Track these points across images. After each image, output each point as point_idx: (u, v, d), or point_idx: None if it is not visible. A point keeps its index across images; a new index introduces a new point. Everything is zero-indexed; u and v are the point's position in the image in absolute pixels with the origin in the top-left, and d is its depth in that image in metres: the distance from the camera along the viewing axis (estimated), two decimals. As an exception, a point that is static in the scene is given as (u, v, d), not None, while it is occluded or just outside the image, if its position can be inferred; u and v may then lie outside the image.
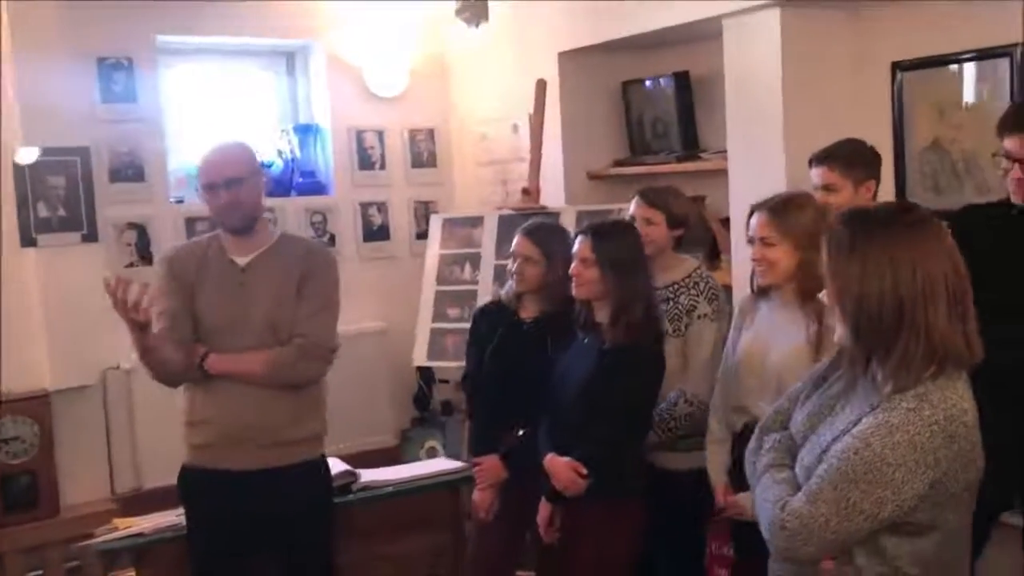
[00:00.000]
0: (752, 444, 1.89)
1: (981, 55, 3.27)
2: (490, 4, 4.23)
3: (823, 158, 2.78)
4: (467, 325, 4.18)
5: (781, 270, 2.48)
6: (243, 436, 2.56)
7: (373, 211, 5.00)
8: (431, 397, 5.15)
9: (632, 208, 2.98)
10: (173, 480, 3.47)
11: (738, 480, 2.58)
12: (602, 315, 2.62)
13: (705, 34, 3.99)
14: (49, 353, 4.06)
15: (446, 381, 5.18)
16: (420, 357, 4.34)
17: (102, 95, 4.18)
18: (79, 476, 4.17)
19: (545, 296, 2.90)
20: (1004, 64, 3.19)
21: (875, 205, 1.86)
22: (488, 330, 2.99)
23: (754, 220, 2.52)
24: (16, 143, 3.93)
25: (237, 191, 2.54)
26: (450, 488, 3.25)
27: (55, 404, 4.08)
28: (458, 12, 3.77)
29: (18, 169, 3.92)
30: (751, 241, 2.55)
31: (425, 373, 5.09)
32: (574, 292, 2.65)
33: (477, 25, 3.77)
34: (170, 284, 2.61)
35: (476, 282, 4.27)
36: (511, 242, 4.10)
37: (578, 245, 2.63)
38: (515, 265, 2.93)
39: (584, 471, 2.51)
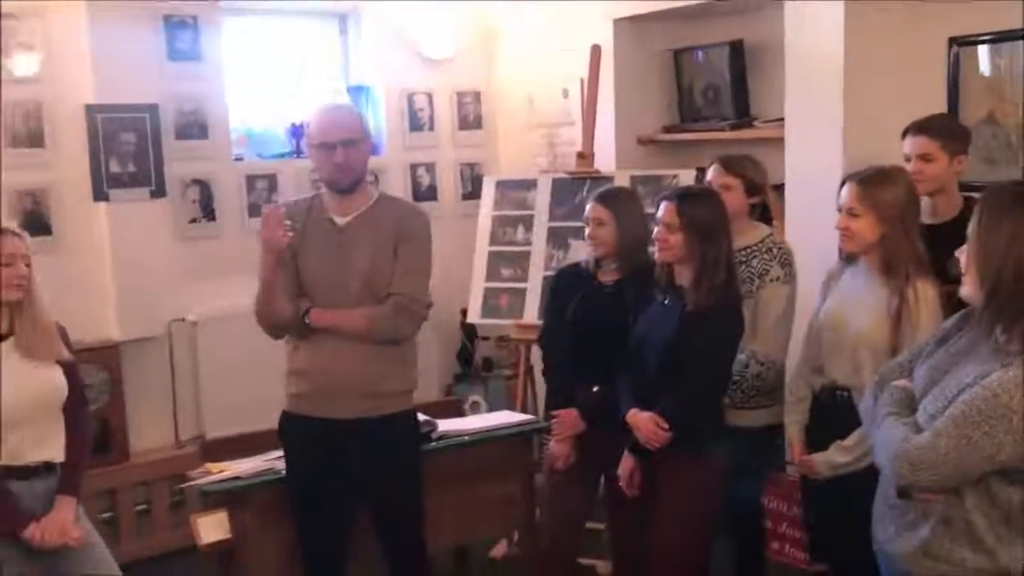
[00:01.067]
0: (868, 395, 2.03)
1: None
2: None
3: (921, 128, 2.89)
4: (521, 285, 4.39)
5: (862, 241, 2.59)
6: (340, 387, 2.70)
7: (422, 172, 5.11)
8: (474, 353, 5.31)
9: (710, 175, 3.11)
10: (234, 429, 3.66)
11: (812, 439, 2.75)
12: (683, 278, 2.75)
13: (760, 4, 4.10)
14: (118, 305, 4.19)
15: (487, 338, 5.35)
16: (474, 314, 4.48)
17: (169, 53, 4.26)
18: (145, 424, 4.32)
19: (621, 260, 3.03)
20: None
21: None
22: (567, 291, 3.12)
23: (845, 190, 2.63)
24: (88, 99, 4.03)
25: (351, 151, 2.65)
26: (522, 439, 3.42)
27: (124, 354, 4.22)
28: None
29: (91, 125, 4.01)
30: (840, 210, 2.66)
31: (468, 330, 5.25)
32: (657, 256, 2.79)
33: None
34: None
35: (529, 243, 4.39)
36: (565, 204, 4.33)
37: (663, 210, 2.75)
38: (589, 230, 3.05)
39: (666, 425, 2.66)
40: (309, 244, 2.74)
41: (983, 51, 3.55)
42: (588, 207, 3.06)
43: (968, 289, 1.81)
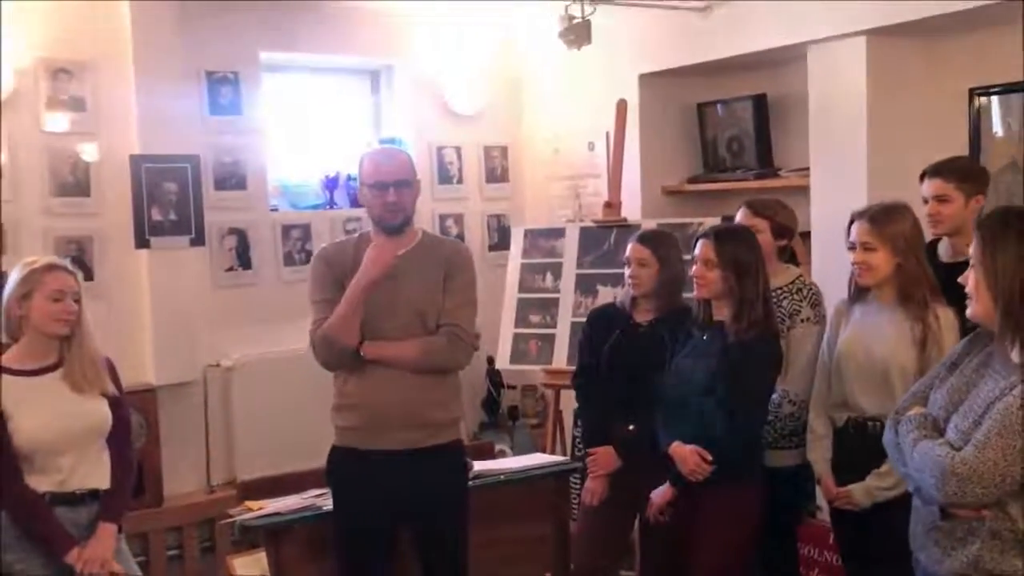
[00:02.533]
0: (889, 428, 2.09)
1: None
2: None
3: (937, 171, 2.99)
4: (550, 331, 4.47)
5: (879, 274, 2.70)
6: (391, 418, 2.75)
7: (450, 223, 5.22)
8: (500, 402, 5.36)
9: (739, 217, 3.20)
10: (265, 475, 3.70)
11: (842, 473, 2.79)
12: (722, 313, 2.83)
13: (783, 59, 4.24)
14: (155, 350, 4.28)
15: (514, 387, 5.40)
16: (503, 360, 4.55)
17: (211, 107, 4.42)
18: (178, 468, 4.37)
19: (658, 300, 3.11)
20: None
21: None
22: (603, 331, 3.19)
23: (855, 227, 2.74)
24: (133, 150, 4.18)
25: (403, 192, 2.76)
26: (557, 480, 3.46)
27: (160, 398, 4.29)
28: (561, 35, 4.00)
29: (135, 174, 4.15)
30: (852, 247, 2.75)
31: (494, 378, 5.31)
32: (696, 292, 2.87)
33: (579, 47, 4.00)
34: (326, 276, 2.82)
35: (558, 291, 4.48)
36: (592, 252, 4.42)
37: (700, 248, 2.84)
38: (630, 270, 3.13)
39: (709, 457, 2.71)
40: None
41: (1003, 100, 3.67)
42: (629, 247, 3.14)
43: (979, 309, 1.89)
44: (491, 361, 5.03)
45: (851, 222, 2.75)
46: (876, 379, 2.67)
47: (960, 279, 2.00)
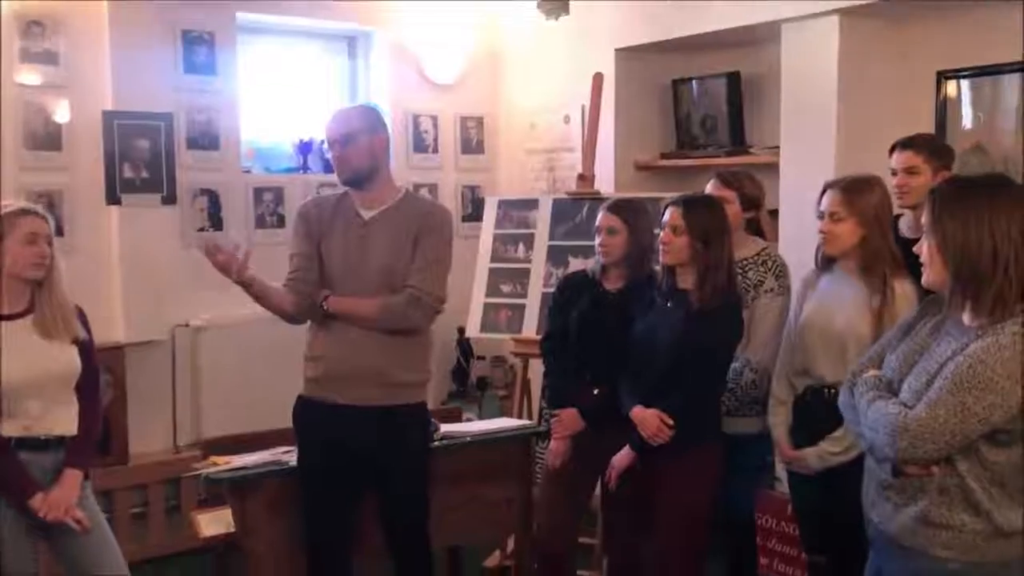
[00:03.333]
0: (844, 390, 2.14)
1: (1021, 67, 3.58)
2: (549, -1, 4.49)
3: (907, 144, 3.05)
4: (520, 301, 4.49)
5: (844, 243, 2.75)
6: (355, 374, 2.79)
7: (424, 192, 5.21)
8: (469, 372, 5.39)
9: (709, 188, 3.24)
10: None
11: (798, 438, 2.86)
12: (686, 281, 2.87)
13: (757, 38, 4.29)
14: (123, 307, 4.27)
15: (483, 358, 5.44)
16: (473, 328, 4.57)
17: (185, 66, 4.39)
18: (144, 427, 4.36)
19: (628, 268, 3.14)
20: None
21: (977, 174, 2.13)
22: (572, 297, 3.22)
23: (826, 196, 2.79)
24: (106, 106, 4.15)
25: (347, 148, 2.77)
26: (522, 442, 3.50)
27: (127, 357, 4.28)
28: (539, 4, 4.02)
29: (108, 130, 4.13)
30: (821, 216, 2.81)
31: (464, 349, 5.34)
32: (662, 258, 2.91)
33: (557, 18, 4.02)
34: (302, 231, 2.86)
35: (529, 261, 4.51)
36: (565, 223, 4.46)
37: (668, 215, 2.88)
38: (600, 238, 3.17)
39: (671, 421, 2.77)
40: (334, 236, 2.84)
41: (970, 84, 3.74)
42: (600, 216, 3.17)
43: (932, 276, 1.95)
44: (461, 331, 5.06)
45: (823, 191, 2.80)
46: (835, 348, 2.73)
47: (915, 248, 2.05)
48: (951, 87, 3.80)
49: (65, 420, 2.70)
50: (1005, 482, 1.84)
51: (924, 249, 1.95)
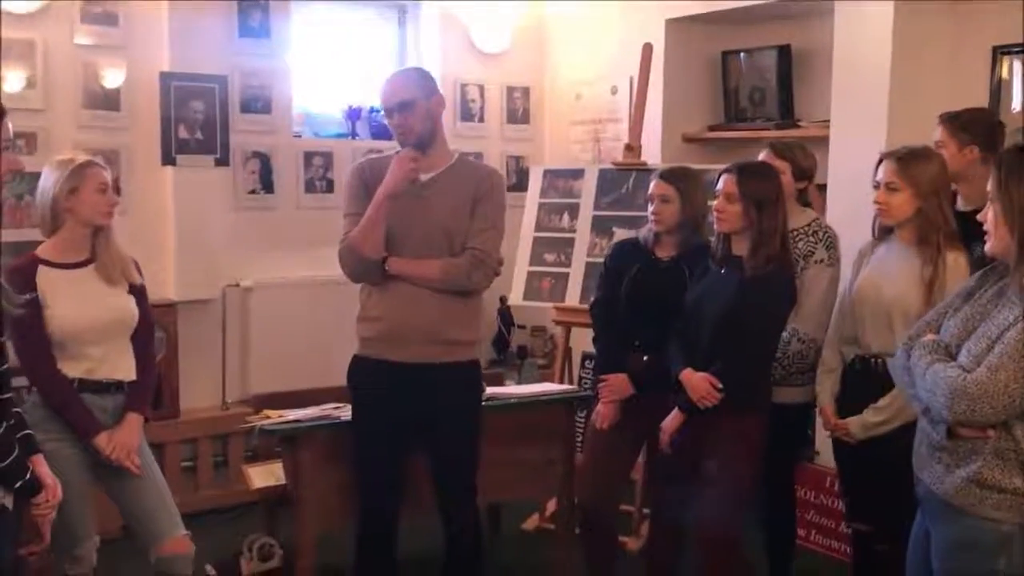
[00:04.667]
0: (900, 352, 2.16)
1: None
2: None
3: (941, 119, 3.06)
4: (563, 270, 4.53)
5: (900, 214, 2.75)
6: (410, 332, 2.84)
7: (469, 161, 5.27)
8: (510, 341, 5.45)
9: (762, 157, 3.25)
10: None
11: (844, 409, 2.88)
12: (740, 248, 2.89)
13: (809, 11, 4.28)
14: (176, 266, 4.36)
15: (523, 327, 5.49)
16: (516, 297, 4.62)
17: (240, 30, 4.46)
18: (194, 384, 4.47)
19: (680, 236, 3.16)
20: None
21: None
22: (623, 264, 3.25)
23: (883, 166, 2.79)
24: (163, 68, 4.23)
25: (407, 114, 2.81)
26: (566, 406, 3.56)
27: (179, 314, 4.37)
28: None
29: (164, 92, 4.20)
30: (877, 186, 2.81)
31: (505, 317, 5.40)
32: (716, 226, 2.93)
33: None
34: (359, 191, 2.90)
35: (574, 231, 4.54)
36: (610, 194, 4.48)
37: (723, 182, 2.90)
38: (653, 206, 3.19)
39: (719, 385, 2.80)
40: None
41: (1026, 59, 3.72)
42: (652, 184, 3.19)
43: (995, 243, 1.96)
44: (503, 300, 5.11)
45: (879, 162, 2.81)
46: (882, 318, 2.74)
47: (979, 216, 2.06)
48: (1006, 63, 3.77)
49: (124, 366, 2.79)
50: (1058, 450, 1.87)
51: (988, 216, 1.96)
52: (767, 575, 3.32)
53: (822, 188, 4.12)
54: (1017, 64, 3.76)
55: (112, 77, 4.18)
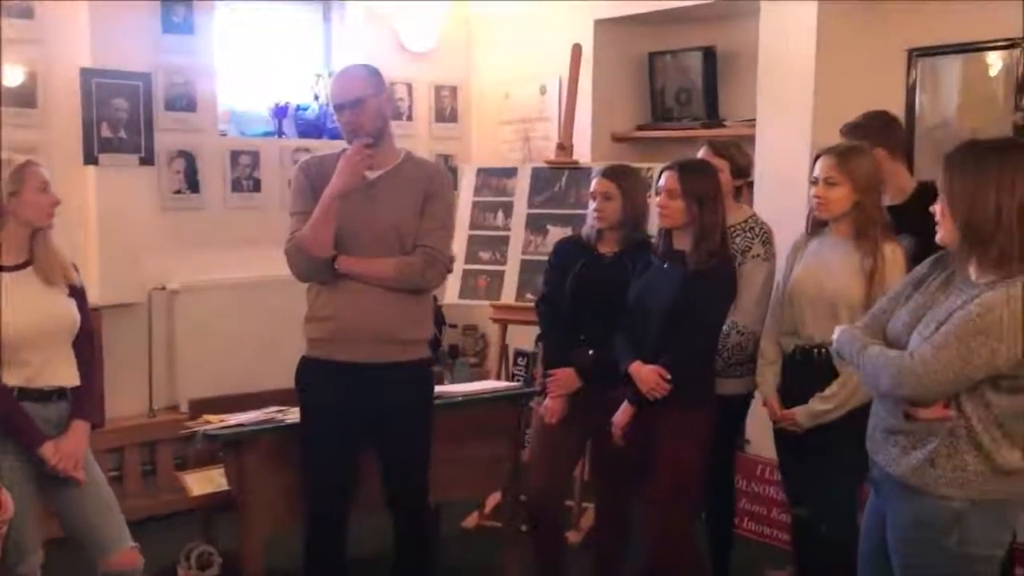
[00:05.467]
0: (846, 338, 2.23)
1: (994, 44, 3.75)
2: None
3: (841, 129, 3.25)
4: (498, 268, 4.55)
5: (838, 208, 2.85)
6: (362, 332, 2.81)
7: (398, 160, 5.24)
8: (441, 340, 5.44)
9: (701, 155, 3.33)
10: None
11: (786, 397, 2.98)
12: (682, 243, 2.96)
13: (734, 13, 4.40)
14: (100, 269, 4.21)
15: (455, 326, 5.49)
16: (452, 296, 4.61)
17: (164, 26, 4.33)
18: (120, 391, 4.32)
19: (622, 232, 3.22)
20: (1010, 54, 3.68)
21: (990, 138, 2.24)
22: (567, 261, 3.29)
23: (820, 162, 2.90)
24: (84, 64, 4.08)
25: (358, 111, 2.79)
26: (512, 402, 3.58)
27: (104, 320, 4.22)
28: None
29: (86, 89, 4.06)
30: (815, 181, 2.92)
31: (437, 317, 5.38)
32: (659, 221, 2.99)
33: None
34: (305, 189, 2.85)
35: (508, 229, 4.57)
36: (544, 192, 4.52)
37: (665, 179, 2.96)
38: (595, 203, 3.24)
39: (668, 376, 2.86)
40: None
41: (939, 61, 3.90)
42: (594, 182, 3.24)
43: (944, 234, 2.07)
44: (435, 299, 5.09)
45: (817, 157, 2.91)
46: (825, 309, 2.84)
47: (932, 208, 2.15)
48: (922, 64, 3.95)
49: (66, 372, 2.69)
50: (1005, 425, 1.97)
51: (938, 208, 2.06)
52: (707, 563, 3.40)
53: (749, 185, 4.24)
54: (935, 61, 3.93)
55: (28, 72, 4.01)
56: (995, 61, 3.79)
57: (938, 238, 2.08)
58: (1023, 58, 3.68)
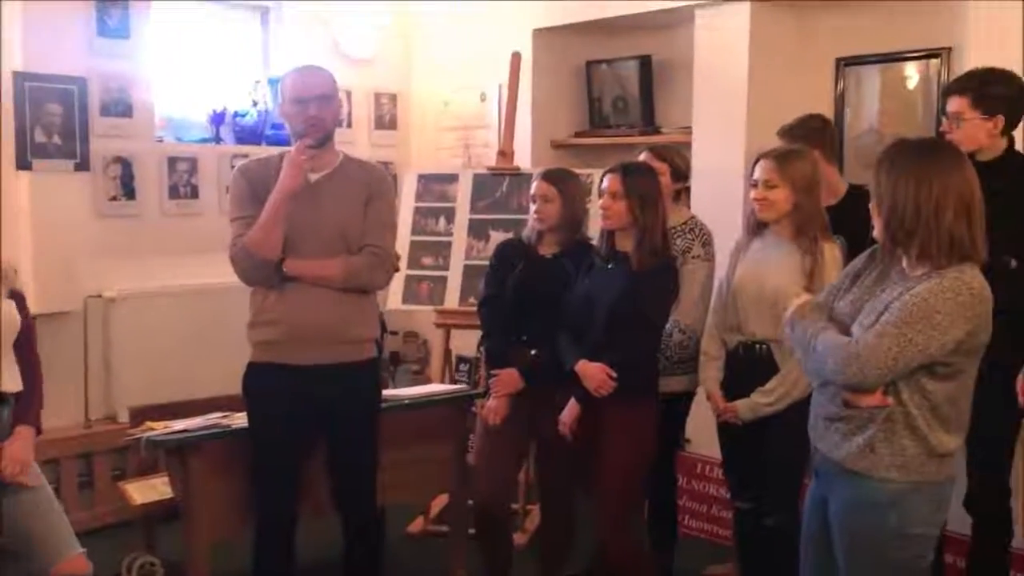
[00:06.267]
0: (787, 326, 2.30)
1: (916, 55, 3.92)
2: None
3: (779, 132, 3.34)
4: (441, 273, 4.57)
5: (779, 210, 2.95)
6: (310, 334, 2.81)
7: (338, 166, 5.22)
8: (382, 347, 5.42)
9: (641, 159, 3.41)
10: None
11: (729, 391, 3.07)
12: (625, 244, 3.03)
13: (670, 22, 4.51)
14: (34, 277, 4.09)
15: (396, 333, 5.49)
16: (395, 301, 4.62)
17: (99, 29, 4.26)
18: (55, 400, 4.17)
19: (562, 234, 3.27)
20: (935, 62, 3.85)
21: (915, 138, 2.34)
22: (507, 262, 3.33)
23: (760, 165, 3.00)
24: (16, 67, 3.99)
25: (323, 106, 2.81)
26: (457, 405, 3.60)
27: (38, 328, 4.11)
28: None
29: (18, 92, 3.97)
30: (755, 184, 3.01)
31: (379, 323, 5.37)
32: (603, 223, 3.06)
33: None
34: (246, 193, 2.83)
35: (451, 234, 4.60)
36: (485, 198, 4.56)
37: (608, 181, 3.03)
38: (535, 205, 3.29)
39: (614, 374, 2.92)
40: None
41: (865, 70, 4.06)
42: (535, 184, 3.29)
43: (876, 229, 2.18)
44: (377, 305, 5.08)
45: (756, 161, 3.00)
46: (767, 306, 2.93)
47: (870, 205, 2.25)
48: (850, 73, 4.10)
49: (8, 376, 2.64)
50: (939, 410, 2.07)
51: (872, 208, 2.16)
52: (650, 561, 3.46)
53: (687, 190, 4.34)
54: (863, 70, 4.08)
55: (-43, 76, 3.92)
56: (912, 72, 3.96)
57: (874, 232, 2.18)
58: (943, 68, 3.84)
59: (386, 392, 3.44)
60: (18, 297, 2.70)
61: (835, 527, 2.17)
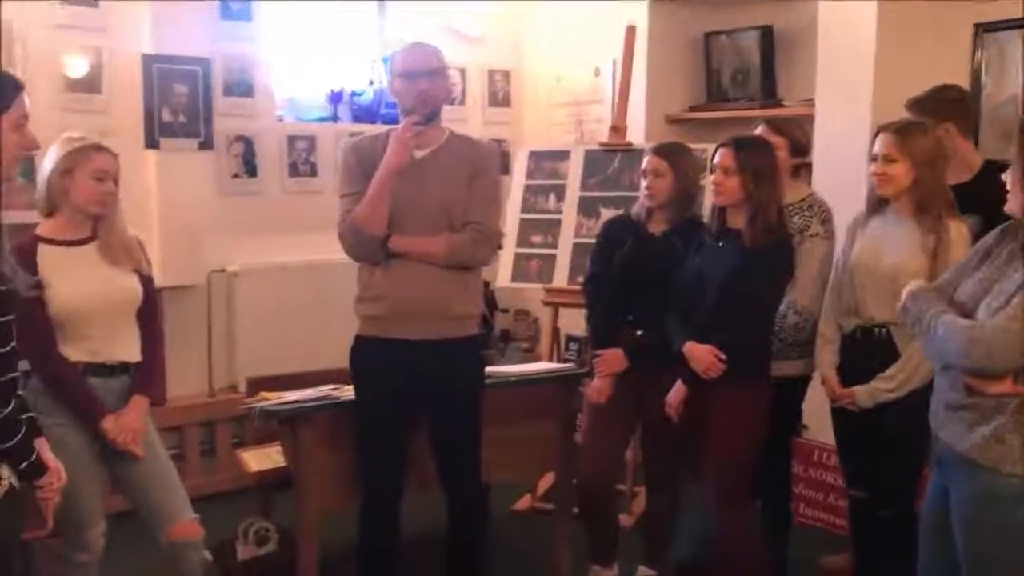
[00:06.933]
0: (923, 299, 2.16)
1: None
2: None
3: (906, 103, 3.16)
4: (550, 251, 4.54)
5: (898, 185, 2.80)
6: (414, 310, 2.83)
7: (452, 144, 5.25)
8: (493, 324, 5.45)
9: (757, 132, 3.28)
10: None
11: (845, 376, 2.93)
12: (737, 221, 2.93)
13: (791, -9, 4.32)
14: (160, 251, 4.28)
15: (507, 311, 5.50)
16: (504, 279, 4.62)
17: (222, 12, 4.40)
18: (180, 370, 4.41)
19: (672, 211, 3.19)
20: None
21: None
22: (616, 240, 3.26)
23: (880, 139, 2.84)
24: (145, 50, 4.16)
25: (435, 81, 2.81)
26: (564, 384, 3.57)
27: (164, 301, 4.30)
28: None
29: (147, 74, 4.14)
30: (875, 158, 2.86)
31: (489, 301, 5.39)
32: (714, 199, 2.96)
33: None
34: (356, 170, 2.87)
35: (560, 212, 4.55)
36: (597, 175, 4.50)
37: (720, 156, 2.93)
38: (646, 181, 3.21)
39: (723, 356, 2.83)
40: None
41: (1008, 36, 3.78)
42: (646, 159, 3.20)
43: (1013, 203, 2.01)
44: (487, 284, 5.10)
45: (876, 134, 2.85)
46: (886, 287, 2.78)
47: (1003, 176, 2.09)
48: (988, 40, 3.84)
49: (128, 347, 2.74)
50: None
51: (1009, 178, 2.00)
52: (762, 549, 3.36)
53: (807, 165, 4.17)
54: (1002, 36, 3.81)
55: (92, 59, 4.10)
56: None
57: (1007, 207, 2.02)
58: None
59: (492, 369, 3.45)
60: (144, 276, 2.79)
61: (956, 519, 2.04)
